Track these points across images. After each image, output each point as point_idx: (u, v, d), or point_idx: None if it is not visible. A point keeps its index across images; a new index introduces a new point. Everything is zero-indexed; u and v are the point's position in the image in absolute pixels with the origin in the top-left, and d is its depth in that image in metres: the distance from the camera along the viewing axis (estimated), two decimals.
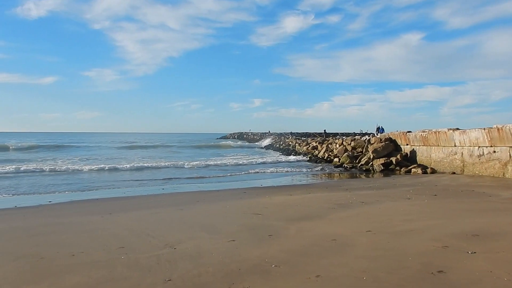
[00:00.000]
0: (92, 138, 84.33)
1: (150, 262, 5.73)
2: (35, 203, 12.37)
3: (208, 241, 6.96)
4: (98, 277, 5.18)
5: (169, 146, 54.18)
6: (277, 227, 7.94)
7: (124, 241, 7.13)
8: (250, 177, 21.37)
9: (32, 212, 10.89)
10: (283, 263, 5.49)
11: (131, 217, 9.68)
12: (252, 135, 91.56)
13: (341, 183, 18.27)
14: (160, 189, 16.24)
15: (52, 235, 7.81)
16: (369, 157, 25.57)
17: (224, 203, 11.52)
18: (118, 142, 63.02)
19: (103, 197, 13.82)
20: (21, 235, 7.88)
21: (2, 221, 9.45)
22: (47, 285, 4.92)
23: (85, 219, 9.54)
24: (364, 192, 13.51)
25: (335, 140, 36.29)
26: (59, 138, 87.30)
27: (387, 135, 27.34)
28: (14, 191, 15.23)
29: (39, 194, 14.44)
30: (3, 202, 12.65)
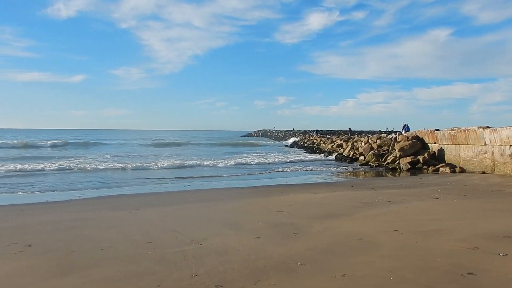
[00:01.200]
0: (120, 135, 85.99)
1: (177, 258, 5.81)
2: (65, 198, 12.72)
3: (233, 238, 7.00)
4: (126, 271, 5.29)
5: (195, 144, 54.66)
6: (302, 225, 7.91)
7: (151, 236, 7.25)
8: (275, 175, 21.36)
9: (62, 207, 11.20)
10: (308, 261, 5.48)
11: (158, 212, 9.84)
12: (277, 132, 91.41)
13: (366, 181, 18.05)
14: (185, 185, 16.43)
15: (81, 229, 8.02)
16: (395, 156, 25.16)
17: (249, 200, 11.56)
18: (145, 139, 64.06)
19: (130, 193, 14.09)
20: (52, 228, 8.12)
21: (35, 215, 9.76)
22: (78, 277, 5.06)
23: (113, 214, 9.76)
24: (390, 191, 13.31)
25: (360, 138, 35.88)
26: (88, 135, 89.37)
27: (414, 133, 26.82)
28: (45, 187, 15.69)
29: (69, 191, 14.82)
30: (35, 197, 13.06)
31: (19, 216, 9.59)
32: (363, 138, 34.14)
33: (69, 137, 71.85)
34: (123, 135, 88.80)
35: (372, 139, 31.13)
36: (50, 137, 70.04)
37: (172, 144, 52.75)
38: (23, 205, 11.42)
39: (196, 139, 75.06)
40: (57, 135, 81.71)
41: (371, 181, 17.73)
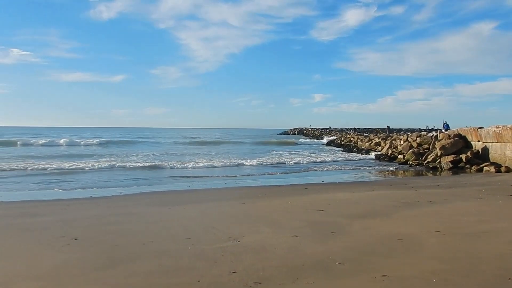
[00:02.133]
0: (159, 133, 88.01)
1: (216, 254, 5.89)
2: (107, 194, 13.16)
3: (271, 236, 7.02)
4: (167, 265, 5.42)
5: (232, 143, 55.05)
6: (340, 224, 7.83)
7: (190, 232, 7.38)
8: (311, 174, 21.24)
9: (106, 202, 11.60)
10: (347, 261, 5.42)
11: (196, 209, 10.01)
12: (313, 131, 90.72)
13: (406, 180, 17.62)
14: (223, 183, 16.61)
15: (124, 224, 8.28)
16: (436, 154, 24.40)
17: (286, 198, 11.54)
18: (183, 137, 65.13)
19: (169, 190, 14.40)
20: (96, 223, 8.43)
21: (80, 210, 10.16)
22: (122, 271, 5.23)
23: (154, 210, 10.01)
24: (431, 190, 12.92)
25: (399, 136, 34.99)
26: (129, 133, 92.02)
27: (456, 131, 25.90)
28: (88, 184, 16.28)
29: (110, 188, 15.30)
30: (80, 193, 13.59)
31: (65, 210, 10.01)
32: (402, 136, 33.29)
33: (111, 135, 74.18)
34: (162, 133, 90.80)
35: (412, 137, 30.31)
36: (94, 135, 72.66)
37: (209, 142, 53.37)
38: (68, 200, 11.91)
39: (233, 137, 75.71)
40: (100, 133, 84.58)
41: (410, 180, 17.29)
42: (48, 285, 4.80)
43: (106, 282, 4.84)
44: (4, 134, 68.82)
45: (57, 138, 52.08)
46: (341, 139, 52.96)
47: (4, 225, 8.16)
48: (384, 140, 36.27)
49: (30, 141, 45.06)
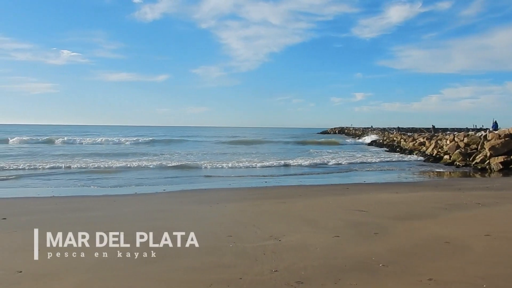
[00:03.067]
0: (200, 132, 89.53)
1: (257, 252, 5.93)
2: (151, 191, 13.54)
3: (311, 235, 6.98)
4: (209, 262, 5.52)
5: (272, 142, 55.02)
6: (383, 225, 7.66)
7: (231, 230, 7.46)
8: (352, 173, 20.89)
9: (149, 199, 11.95)
10: (391, 263, 5.30)
11: (237, 207, 10.11)
12: (354, 130, 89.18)
13: (452, 182, 16.98)
14: (263, 182, 16.67)
15: (166, 220, 8.48)
16: (485, 155, 23.35)
17: (327, 198, 11.44)
18: (223, 136, 65.83)
19: (211, 188, 14.61)
20: (141, 218, 8.70)
21: (126, 205, 10.52)
22: (166, 265, 5.38)
23: (195, 207, 10.20)
24: (479, 192, 12.39)
25: (445, 136, 33.76)
26: (171, 131, 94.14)
27: (507, 130, 24.66)
28: (133, 181, 16.80)
29: (154, 185, 15.71)
30: (126, 190, 14.05)
31: (112, 206, 10.40)
32: (448, 136, 32.08)
33: (155, 134, 76.14)
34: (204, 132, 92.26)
35: (459, 137, 29.15)
36: (139, 133, 74.89)
37: (249, 141, 53.58)
38: (115, 196, 12.35)
39: (273, 136, 75.78)
40: (145, 131, 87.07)
41: (457, 182, 16.65)
42: (95, 277, 5.01)
43: (149, 277, 4.99)
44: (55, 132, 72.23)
45: (104, 137, 54.03)
46: (383, 139, 51.78)
47: (57, 219, 8.58)
48: (429, 140, 35.09)
49: (77, 139, 46.93)
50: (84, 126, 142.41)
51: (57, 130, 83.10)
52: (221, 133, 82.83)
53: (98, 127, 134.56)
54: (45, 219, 8.45)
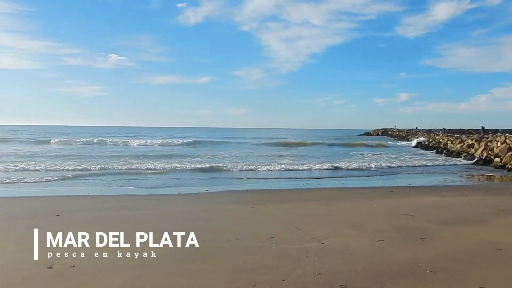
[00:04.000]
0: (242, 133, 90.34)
1: (299, 254, 5.93)
2: (195, 191, 13.81)
3: (355, 239, 6.90)
4: (252, 263, 5.58)
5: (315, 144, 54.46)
6: (430, 230, 7.45)
7: (273, 231, 7.49)
8: (397, 176, 20.37)
9: (193, 199, 12.20)
10: (439, 269, 5.15)
11: (279, 209, 10.13)
12: (398, 131, 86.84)
13: (504, 186, 16.20)
14: (304, 184, 16.61)
15: (209, 220, 8.65)
16: None
17: (370, 201, 11.23)
18: (265, 138, 65.92)
19: (252, 189, 14.72)
20: (185, 218, 8.90)
21: (170, 205, 10.80)
22: (211, 265, 5.49)
23: (237, 207, 10.33)
24: None
25: (495, 137, 32.19)
26: (214, 133, 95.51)
27: None
28: (178, 182, 17.20)
29: (198, 186, 16.01)
30: (170, 190, 14.41)
31: (158, 205, 10.70)
32: (499, 138, 30.56)
33: (197, 135, 77.53)
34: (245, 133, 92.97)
35: (511, 139, 27.74)
36: (183, 134, 76.56)
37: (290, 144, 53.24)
38: (160, 196, 12.71)
39: (314, 137, 75.13)
40: (187, 133, 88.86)
41: (509, 186, 15.87)
42: (143, 274, 5.18)
43: (196, 275, 5.11)
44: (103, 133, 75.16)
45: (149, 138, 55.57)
46: (429, 141, 50.12)
47: (106, 217, 8.95)
48: (478, 141, 33.60)
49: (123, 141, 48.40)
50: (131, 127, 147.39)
51: (105, 132, 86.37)
52: (262, 135, 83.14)
53: (143, 128, 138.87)
54: (95, 217, 8.83)
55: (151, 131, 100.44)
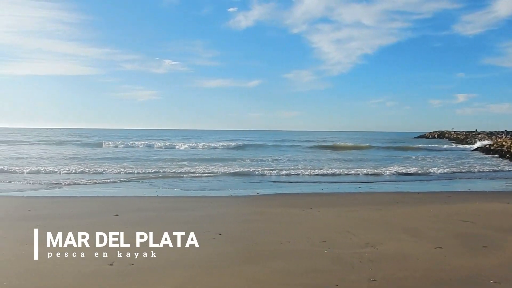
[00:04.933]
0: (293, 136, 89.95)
1: (353, 259, 5.82)
2: (245, 194, 13.94)
3: (411, 245, 6.67)
4: (304, 266, 5.55)
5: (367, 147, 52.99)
6: (493, 238, 7.05)
7: (325, 235, 7.40)
8: (455, 181, 19.44)
9: (244, 201, 12.33)
10: (504, 280, 4.86)
11: (330, 213, 10.00)
12: (455, 134, 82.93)
13: None
14: (356, 188, 16.28)
15: (261, 223, 8.69)
16: None
17: (427, 206, 10.81)
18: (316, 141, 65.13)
19: (303, 192, 14.62)
20: (237, 220, 9.03)
21: (222, 207, 10.97)
22: (262, 267, 5.52)
23: (288, 211, 10.30)
24: None
25: None
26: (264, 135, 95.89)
27: None
28: (229, 185, 17.46)
29: (248, 188, 16.15)
30: (221, 192, 14.64)
31: (210, 207, 10.91)
32: None
33: (247, 138, 78.16)
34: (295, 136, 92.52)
35: None
36: (234, 137, 77.52)
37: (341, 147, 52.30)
38: (212, 197, 12.95)
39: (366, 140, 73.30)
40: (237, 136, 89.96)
41: None
42: (199, 274, 5.30)
43: (249, 277, 5.16)
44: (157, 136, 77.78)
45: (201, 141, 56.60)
46: (490, 144, 47.45)
47: (162, 217, 9.27)
48: None
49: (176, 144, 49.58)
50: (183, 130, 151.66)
51: (159, 135, 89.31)
52: (313, 137, 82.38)
53: (195, 131, 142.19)
54: (152, 217, 9.17)
55: (203, 134, 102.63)
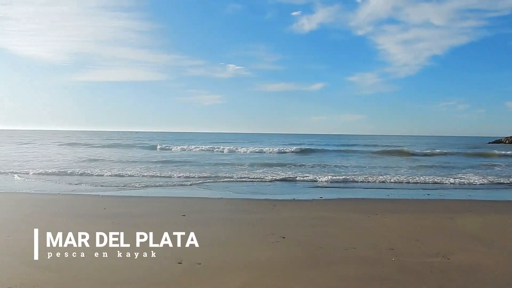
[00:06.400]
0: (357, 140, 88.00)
1: (422, 269, 5.59)
2: (308, 198, 13.86)
3: (486, 257, 6.27)
4: (371, 274, 5.41)
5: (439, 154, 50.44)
6: None
7: (392, 243, 7.18)
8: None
9: (306, 205, 12.26)
10: None
11: (397, 219, 9.67)
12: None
13: None
14: (424, 194, 15.58)
15: (324, 228, 8.60)
16: None
17: (504, 216, 10.12)
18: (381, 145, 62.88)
19: (368, 198, 14.26)
20: (300, 224, 9.00)
21: (285, 210, 11.00)
22: (326, 272, 5.47)
23: (352, 216, 10.09)
24: None
25: None
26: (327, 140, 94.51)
27: None
28: (290, 189, 17.48)
29: (311, 193, 16.05)
30: (284, 195, 14.68)
31: (273, 210, 10.99)
32: None
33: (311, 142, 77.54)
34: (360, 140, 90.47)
35: None
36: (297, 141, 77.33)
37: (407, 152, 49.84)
38: (274, 201, 13.01)
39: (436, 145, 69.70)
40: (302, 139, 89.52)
41: None
42: (262, 276, 5.36)
43: (314, 282, 5.13)
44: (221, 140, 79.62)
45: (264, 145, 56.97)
46: None
47: (227, 218, 9.50)
48: None
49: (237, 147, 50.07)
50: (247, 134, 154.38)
51: (224, 138, 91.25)
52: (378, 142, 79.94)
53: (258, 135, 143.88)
54: (217, 218, 9.44)
55: (265, 138, 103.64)
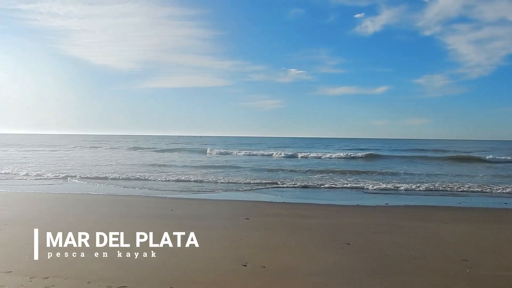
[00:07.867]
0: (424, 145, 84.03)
1: (500, 283, 5.22)
2: (373, 204, 13.45)
3: None
4: (442, 285, 5.17)
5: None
6: None
7: (466, 253, 6.75)
8: None
9: (371, 212, 11.91)
10: None
11: (471, 229, 9.11)
12: None
13: None
14: (501, 203, 14.51)
15: (391, 235, 8.29)
16: None
17: None
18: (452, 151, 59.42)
19: (437, 205, 13.55)
20: (365, 230, 8.74)
21: (349, 216, 10.74)
22: (393, 282, 5.27)
23: (421, 224, 9.65)
24: None
25: None
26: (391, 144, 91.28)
27: None
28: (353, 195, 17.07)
29: (375, 199, 15.57)
30: (348, 201, 14.36)
31: (337, 215, 10.79)
32: None
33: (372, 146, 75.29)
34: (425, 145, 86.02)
35: None
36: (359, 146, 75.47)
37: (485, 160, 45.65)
38: (338, 206, 12.78)
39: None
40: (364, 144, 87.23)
41: None
42: (328, 282, 5.28)
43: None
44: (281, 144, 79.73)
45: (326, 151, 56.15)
46: None
47: (290, 223, 9.48)
48: None
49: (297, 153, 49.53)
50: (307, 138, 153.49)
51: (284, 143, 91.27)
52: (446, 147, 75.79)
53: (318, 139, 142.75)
54: (278, 222, 9.44)
55: (325, 142, 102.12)
